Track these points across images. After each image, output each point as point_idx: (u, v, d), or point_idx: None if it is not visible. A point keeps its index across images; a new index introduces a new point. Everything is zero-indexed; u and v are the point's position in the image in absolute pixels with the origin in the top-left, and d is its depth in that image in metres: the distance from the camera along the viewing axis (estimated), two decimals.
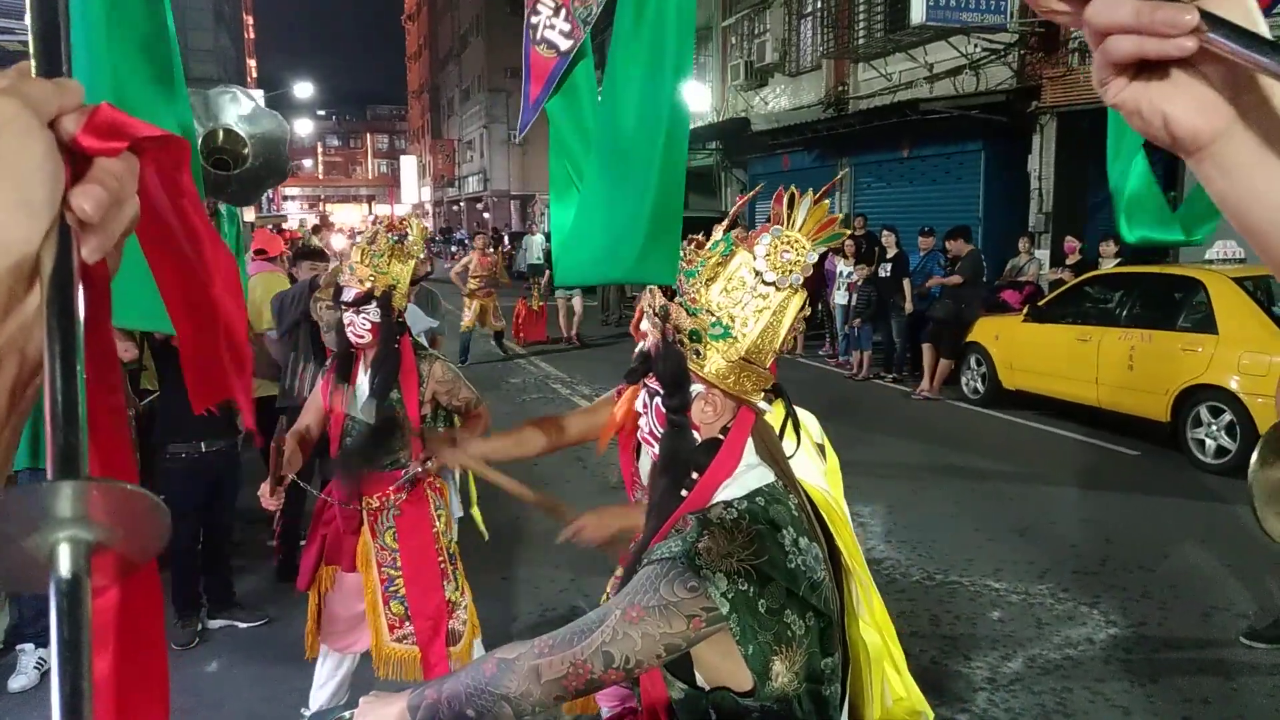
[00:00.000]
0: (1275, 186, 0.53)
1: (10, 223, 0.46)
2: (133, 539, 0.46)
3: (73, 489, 0.43)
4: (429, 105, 65.16)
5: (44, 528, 0.43)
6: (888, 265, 11.28)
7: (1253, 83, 0.52)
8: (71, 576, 0.42)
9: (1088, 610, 4.83)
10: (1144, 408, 8.03)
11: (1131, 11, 0.50)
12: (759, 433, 1.58)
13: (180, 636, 4.49)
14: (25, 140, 0.46)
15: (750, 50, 20.69)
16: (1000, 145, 13.87)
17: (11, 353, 0.48)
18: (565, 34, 1.95)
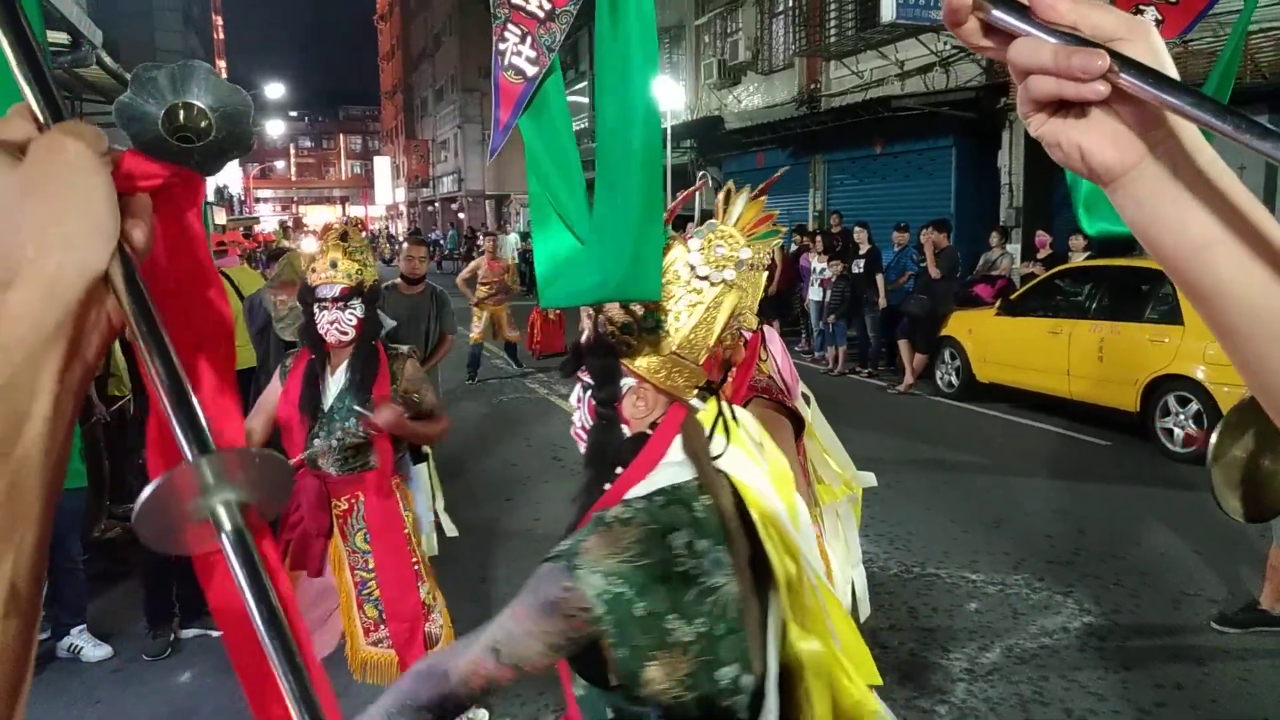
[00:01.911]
0: (1182, 216, 0.56)
1: (90, 246, 0.53)
2: (265, 492, 0.54)
3: (212, 461, 0.52)
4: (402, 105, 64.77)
5: (199, 497, 0.51)
6: (861, 261, 11.36)
7: (1161, 120, 0.56)
8: (234, 530, 0.52)
9: (1062, 599, 4.90)
10: (1114, 398, 8.14)
11: (1050, 55, 0.53)
12: (687, 431, 1.54)
13: (152, 647, 4.43)
14: (95, 178, 0.54)
15: (723, 49, 20.74)
16: (971, 141, 14.00)
17: (81, 361, 0.55)
18: (531, 60, 1.96)
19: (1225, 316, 0.58)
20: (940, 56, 14.27)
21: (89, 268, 0.53)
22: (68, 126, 0.56)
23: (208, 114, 1.24)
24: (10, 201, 0.53)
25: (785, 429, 2.68)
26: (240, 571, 0.51)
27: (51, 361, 0.52)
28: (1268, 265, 0.56)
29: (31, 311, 0.51)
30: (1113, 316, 8.22)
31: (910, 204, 14.51)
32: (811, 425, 2.89)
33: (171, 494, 0.50)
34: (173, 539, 0.53)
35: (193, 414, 0.53)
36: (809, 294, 12.35)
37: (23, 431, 0.51)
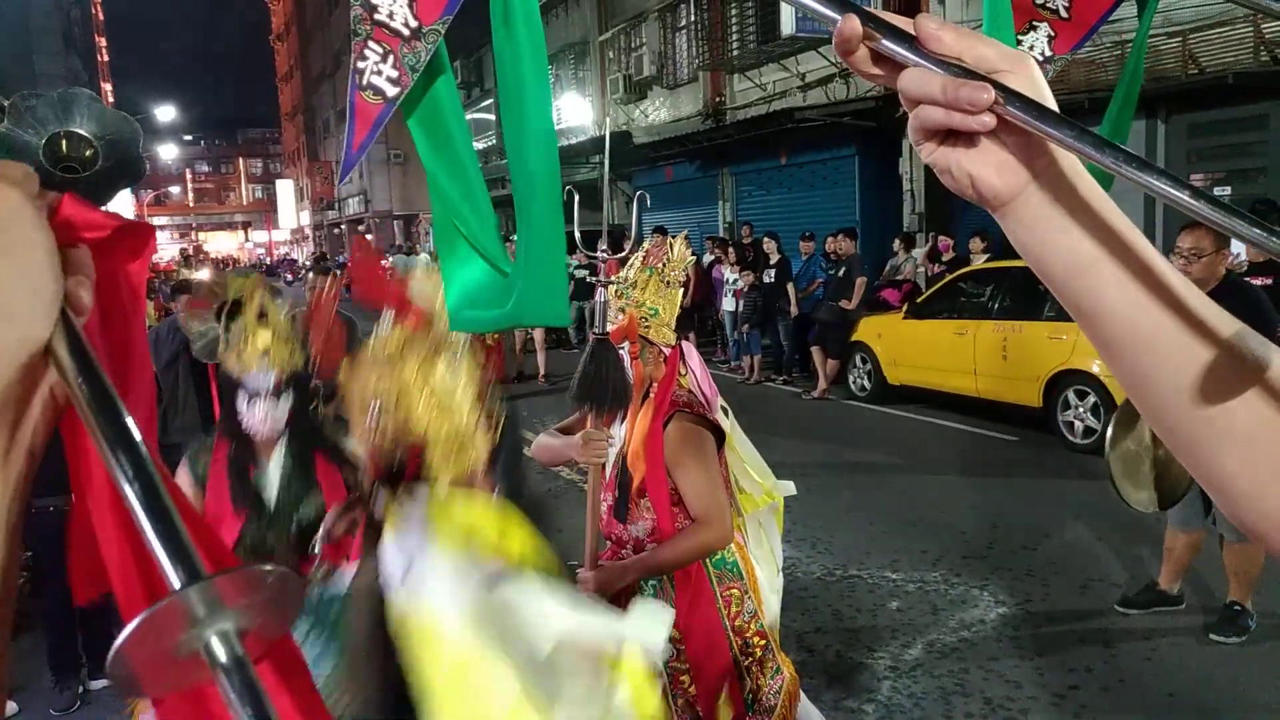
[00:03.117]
0: (1065, 238, 0.60)
1: (30, 316, 0.46)
2: (266, 613, 0.47)
3: (200, 590, 0.44)
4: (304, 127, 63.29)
5: (190, 631, 0.44)
6: (771, 271, 11.56)
7: (1044, 148, 0.59)
8: (232, 663, 0.44)
9: (978, 593, 5.06)
10: (1018, 395, 8.46)
11: (939, 87, 0.55)
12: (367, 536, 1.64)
13: (59, 701, 4.22)
14: (35, 233, 0.47)
15: (628, 64, 20.89)
16: (873, 150, 14.42)
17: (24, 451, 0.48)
18: (393, 80, 1.91)
19: (1105, 332, 0.62)
20: (840, 68, 14.66)
21: (30, 341, 0.46)
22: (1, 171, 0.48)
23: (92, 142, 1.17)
24: None
25: (707, 442, 2.71)
26: (242, 711, 0.43)
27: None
28: (1143, 285, 0.60)
29: None
30: (1014, 316, 8.54)
31: (816, 213, 14.86)
32: (731, 437, 2.93)
33: (156, 632, 0.43)
34: (159, 679, 0.46)
35: (174, 529, 0.45)
36: (723, 305, 12.51)
37: None
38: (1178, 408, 0.61)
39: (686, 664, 2.74)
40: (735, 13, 16.52)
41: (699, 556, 2.68)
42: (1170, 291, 0.60)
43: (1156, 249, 0.62)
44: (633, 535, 2.77)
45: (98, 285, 0.52)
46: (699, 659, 2.74)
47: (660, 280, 2.77)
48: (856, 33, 0.56)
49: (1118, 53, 9.57)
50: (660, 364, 2.77)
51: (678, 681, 2.74)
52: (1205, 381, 0.59)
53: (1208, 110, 10.13)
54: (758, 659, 2.80)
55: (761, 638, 2.83)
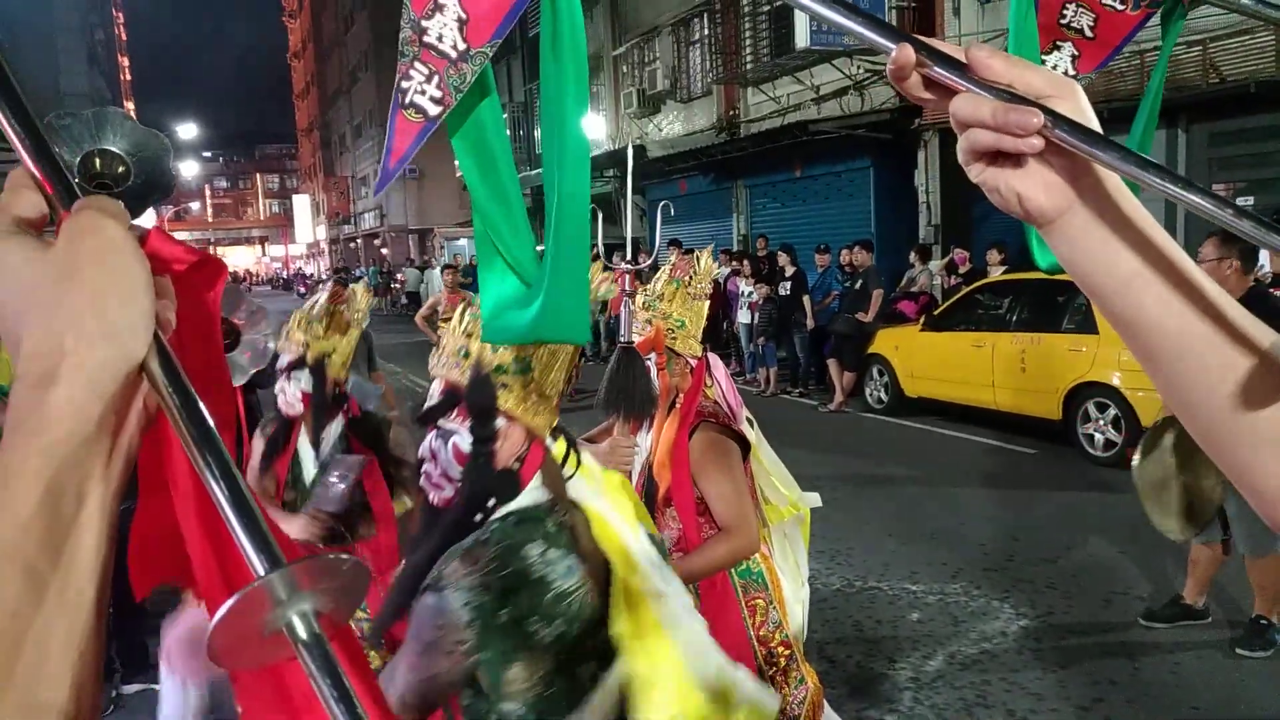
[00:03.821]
0: (1108, 254, 0.63)
1: (131, 334, 0.51)
2: (337, 597, 0.52)
3: (282, 575, 0.49)
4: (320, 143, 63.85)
5: (273, 612, 0.49)
6: (787, 284, 11.56)
7: (1088, 169, 0.62)
8: (311, 640, 0.49)
9: (999, 605, 5.02)
10: (1037, 407, 8.41)
11: (990, 111, 0.59)
12: (546, 465, 1.70)
13: None
14: (135, 264, 0.52)
15: (642, 78, 20.99)
16: (888, 162, 14.42)
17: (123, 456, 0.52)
18: (436, 100, 1.95)
19: (1148, 343, 0.65)
20: (854, 80, 14.69)
21: (131, 358, 0.51)
22: (99, 204, 0.53)
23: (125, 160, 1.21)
24: (46, 289, 0.50)
25: (733, 452, 2.71)
26: (322, 682, 0.48)
27: (97, 461, 0.50)
28: (1183, 297, 0.63)
29: (75, 409, 0.49)
30: (1032, 328, 8.51)
31: (831, 225, 14.85)
32: (756, 448, 2.94)
33: (246, 612, 0.48)
34: (246, 654, 0.51)
35: (256, 522, 0.50)
36: (738, 317, 12.52)
37: (71, 537, 0.48)
38: (1217, 414, 0.64)
39: None
40: (749, 27, 16.59)
41: (727, 565, 2.69)
42: (1209, 302, 0.63)
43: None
44: None
45: (181, 312, 0.58)
46: None
47: (687, 292, 2.80)
48: (910, 61, 0.59)
49: (1136, 63, 9.56)
50: (686, 375, 2.79)
51: None
52: (1243, 389, 0.62)
53: (1229, 119, 10.09)
54: (782, 669, 2.79)
55: (786, 648, 2.82)
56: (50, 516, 0.47)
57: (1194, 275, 0.63)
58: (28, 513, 0.46)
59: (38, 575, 0.46)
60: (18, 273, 0.51)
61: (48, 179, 0.55)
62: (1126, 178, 0.59)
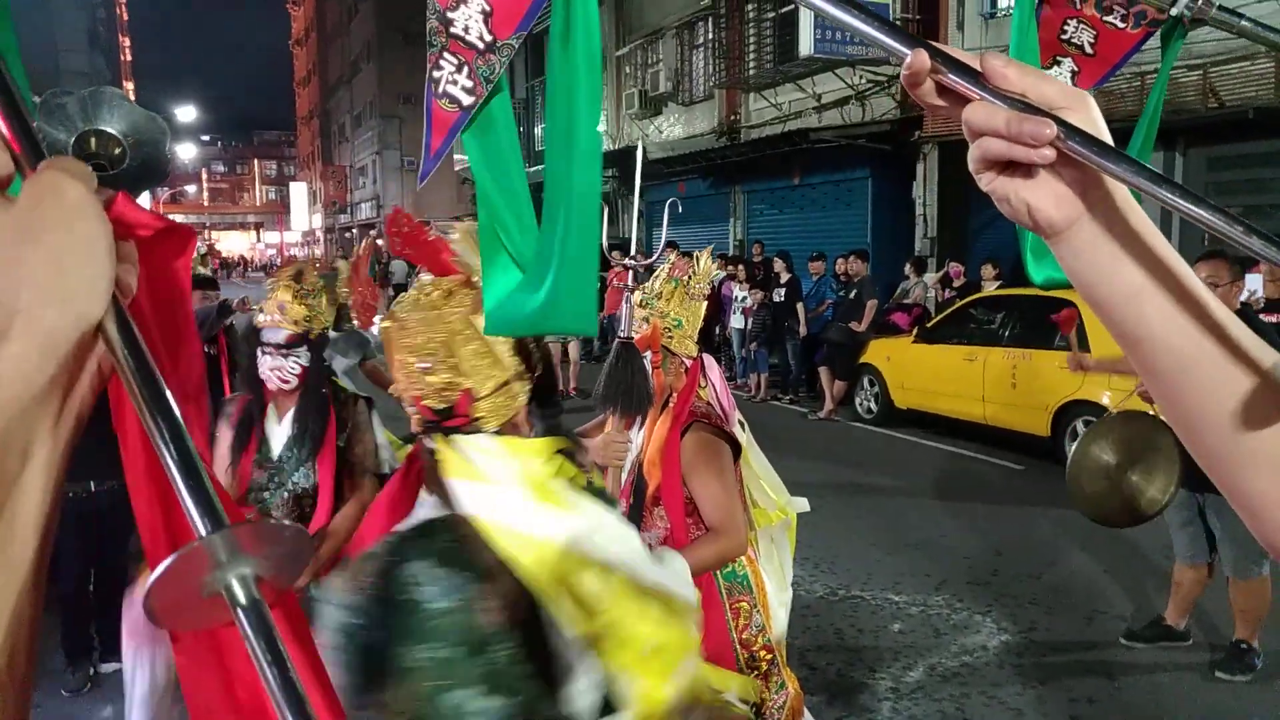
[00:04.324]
0: (1115, 266, 0.63)
1: (88, 296, 0.51)
2: (279, 564, 0.52)
3: (223, 537, 0.49)
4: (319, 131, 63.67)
5: (213, 573, 0.49)
6: (781, 290, 11.57)
7: (1099, 181, 0.62)
8: (249, 604, 0.50)
9: (981, 619, 5.02)
10: (1026, 423, 8.43)
11: (1003, 121, 0.59)
12: (426, 475, 1.64)
13: (71, 682, 4.29)
14: (97, 225, 0.52)
15: (644, 79, 21.00)
16: (886, 173, 14.45)
17: (72, 417, 0.53)
18: (468, 90, 1.96)
19: (1150, 357, 0.65)
20: (856, 90, 14.72)
21: (86, 319, 0.51)
22: (65, 165, 0.53)
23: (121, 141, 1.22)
24: (4, 247, 0.50)
25: (724, 453, 2.71)
26: (257, 646, 0.49)
27: (45, 419, 0.50)
28: (1187, 313, 0.63)
29: (26, 367, 0.49)
30: (1024, 344, 8.53)
31: (828, 234, 14.87)
32: (747, 451, 2.93)
33: (185, 571, 0.48)
34: (184, 616, 0.51)
35: (201, 484, 0.51)
36: (731, 322, 12.52)
37: (15, 493, 0.48)
38: (1217, 432, 0.64)
39: None
40: (753, 32, 16.60)
41: (713, 566, 2.68)
42: (1214, 320, 0.63)
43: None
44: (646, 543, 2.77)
45: (148, 277, 0.58)
46: None
47: (685, 293, 2.80)
48: (925, 67, 0.60)
49: (1136, 84, 9.59)
50: (681, 374, 2.79)
51: None
52: (1244, 408, 0.63)
53: (1227, 144, 10.14)
54: (763, 673, 2.79)
55: (768, 651, 2.82)
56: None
57: (1199, 292, 0.63)
58: None
59: None
60: None
61: (15, 137, 0.55)
62: (1137, 191, 0.59)
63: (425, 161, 2.09)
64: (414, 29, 4.61)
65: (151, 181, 3.26)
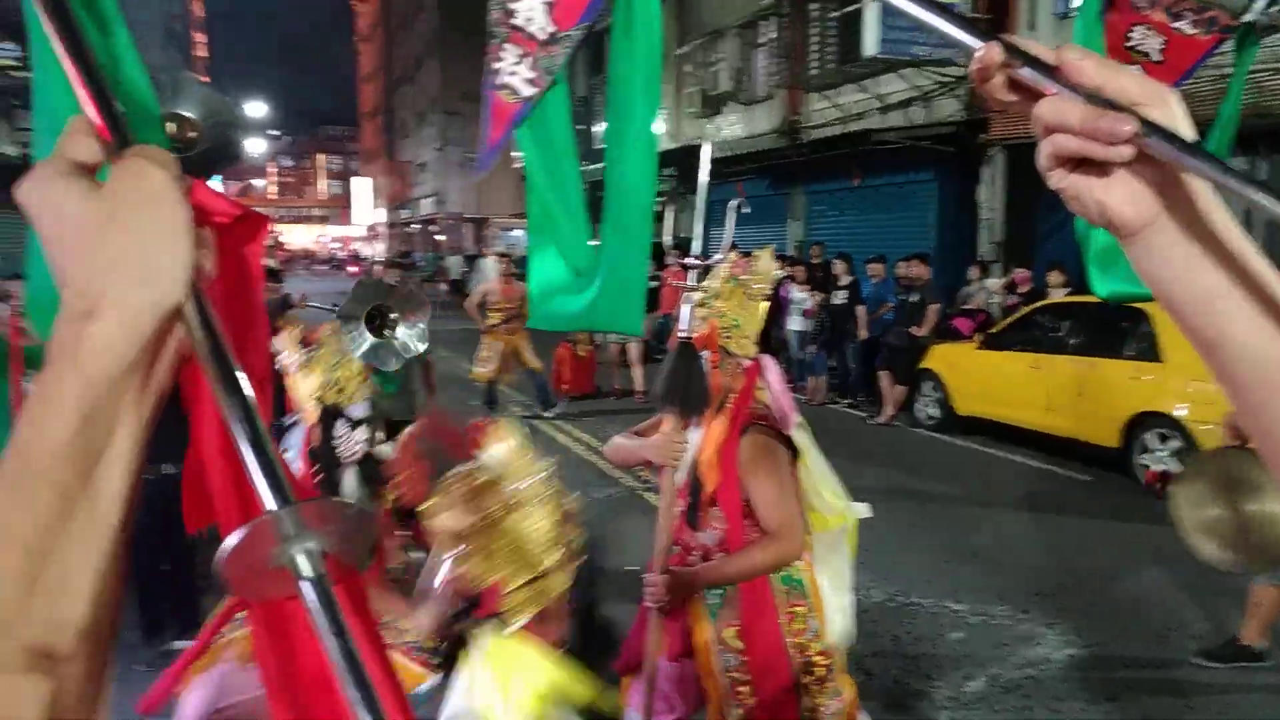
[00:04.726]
0: (1194, 269, 0.60)
1: (170, 281, 0.54)
2: (343, 540, 0.55)
3: (290, 512, 0.52)
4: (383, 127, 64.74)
5: (280, 546, 0.52)
6: (842, 293, 11.43)
7: (1178, 180, 0.59)
8: (314, 576, 0.52)
9: (1045, 631, 4.89)
10: (1094, 433, 8.20)
11: (1078, 117, 0.56)
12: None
13: (147, 656, 4.44)
14: (178, 210, 0.55)
15: (704, 78, 20.93)
16: (951, 175, 14.19)
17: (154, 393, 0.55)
18: (529, 81, 1.95)
19: (1230, 365, 0.61)
20: (921, 91, 14.48)
21: (168, 301, 0.54)
22: (150, 153, 0.56)
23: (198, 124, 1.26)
24: (93, 230, 0.53)
25: (782, 456, 2.67)
26: (322, 617, 0.52)
27: (129, 395, 0.52)
28: (1272, 319, 0.59)
29: (113, 345, 0.52)
30: (1092, 352, 8.29)
31: (890, 236, 14.65)
32: (805, 455, 2.89)
33: (254, 542, 0.52)
34: (254, 586, 0.54)
35: (270, 461, 0.54)
36: (789, 324, 12.39)
37: (102, 463, 0.51)
38: None
39: (748, 675, 2.70)
40: (816, 32, 16.45)
41: (769, 569, 2.64)
42: None
43: None
44: (702, 543, 2.75)
45: (223, 262, 0.61)
46: (759, 672, 2.70)
47: (744, 293, 2.75)
48: (996, 61, 0.57)
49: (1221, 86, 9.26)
50: (739, 375, 2.75)
51: (736, 691, 2.70)
52: None
53: None
54: (818, 678, 2.75)
55: (825, 657, 2.77)
56: (84, 443, 0.50)
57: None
58: (64, 438, 0.49)
59: (68, 496, 0.49)
60: (69, 213, 0.54)
61: (105, 126, 0.57)
62: (1225, 191, 0.56)
63: (484, 153, 2.09)
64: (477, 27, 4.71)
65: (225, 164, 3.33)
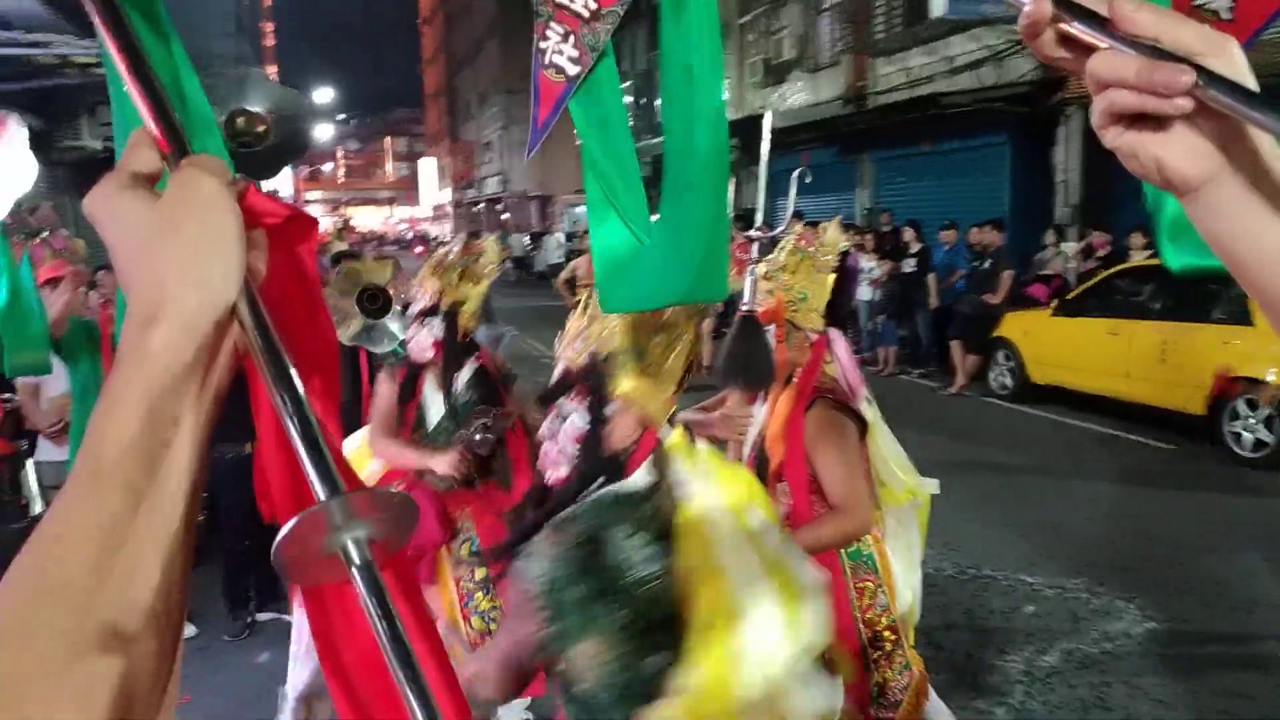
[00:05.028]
0: (1258, 227, 0.57)
1: (224, 284, 0.57)
2: (390, 527, 0.57)
3: (339, 502, 0.55)
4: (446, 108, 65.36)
5: (331, 535, 0.55)
6: (911, 260, 11.21)
7: (1241, 133, 0.56)
8: (363, 563, 0.55)
9: (1124, 605, 4.77)
10: (1178, 401, 7.92)
11: (1134, 70, 0.54)
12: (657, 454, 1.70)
13: (232, 628, 4.67)
14: (229, 216, 0.58)
15: (768, 47, 20.60)
16: (1025, 137, 13.73)
17: (213, 390, 0.58)
18: (573, 60, 1.96)
19: None
20: (992, 50, 14.02)
21: (222, 303, 0.57)
22: (202, 162, 0.59)
23: (266, 119, 1.29)
24: (153, 239, 0.56)
25: (849, 430, 2.64)
26: (370, 602, 0.54)
27: (191, 392, 0.56)
28: None
29: (172, 347, 0.55)
30: (1176, 317, 7.99)
31: (961, 202, 14.25)
32: (874, 429, 2.85)
33: (307, 532, 0.54)
34: (308, 572, 0.57)
35: (321, 453, 0.56)
36: (858, 293, 12.20)
37: (165, 459, 0.54)
38: None
39: None
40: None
41: (835, 545, 2.63)
42: None
43: None
44: None
45: (276, 261, 0.65)
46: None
47: (811, 264, 2.72)
48: (1045, 15, 0.55)
49: None
50: (806, 349, 2.72)
51: None
52: None
53: None
54: (886, 653, 2.73)
55: (893, 632, 2.76)
56: (149, 439, 0.53)
57: None
58: (130, 435, 0.53)
59: (135, 490, 0.52)
60: (131, 223, 0.58)
61: (164, 138, 0.60)
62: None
63: (532, 133, 2.10)
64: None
65: (293, 156, 3.44)
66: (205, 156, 0.60)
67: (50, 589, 0.49)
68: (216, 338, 0.57)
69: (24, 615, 0.48)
